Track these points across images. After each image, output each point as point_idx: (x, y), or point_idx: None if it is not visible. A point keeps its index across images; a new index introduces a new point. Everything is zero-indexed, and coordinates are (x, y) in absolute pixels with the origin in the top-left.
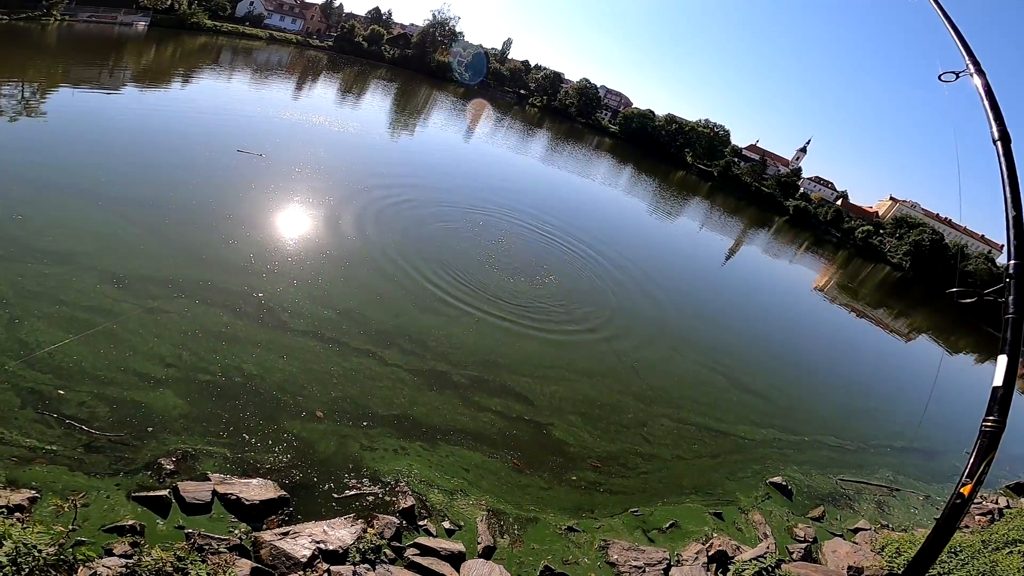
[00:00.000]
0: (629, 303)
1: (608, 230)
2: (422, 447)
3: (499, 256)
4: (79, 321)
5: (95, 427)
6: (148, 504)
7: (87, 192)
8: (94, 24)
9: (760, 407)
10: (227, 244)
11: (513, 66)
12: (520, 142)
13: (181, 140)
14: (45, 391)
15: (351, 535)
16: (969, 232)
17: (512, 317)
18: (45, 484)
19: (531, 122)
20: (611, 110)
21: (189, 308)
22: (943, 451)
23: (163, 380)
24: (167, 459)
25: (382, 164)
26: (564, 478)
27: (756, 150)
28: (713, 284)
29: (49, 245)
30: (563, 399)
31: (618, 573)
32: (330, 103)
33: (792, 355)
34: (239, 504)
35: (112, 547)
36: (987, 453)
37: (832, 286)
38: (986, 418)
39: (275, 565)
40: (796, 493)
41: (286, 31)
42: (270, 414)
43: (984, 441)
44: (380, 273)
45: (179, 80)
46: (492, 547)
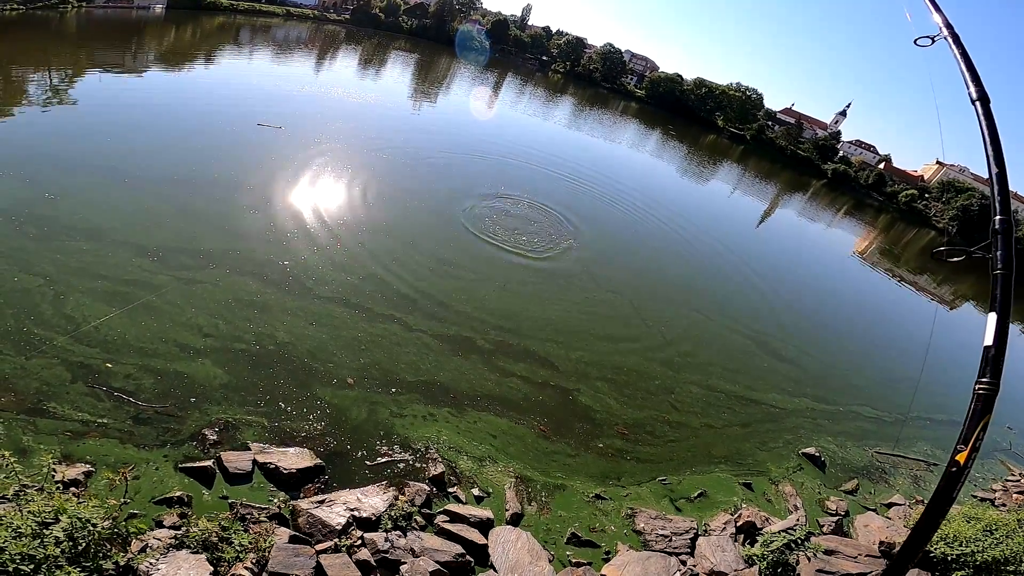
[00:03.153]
0: (657, 266)
1: (637, 191)
2: (450, 413)
3: (517, 223)
4: (120, 295)
5: (142, 399)
6: (194, 475)
7: (113, 170)
8: (112, 9)
9: (793, 375)
10: (250, 214)
11: (534, 32)
12: (544, 108)
13: (203, 116)
14: (94, 365)
15: (383, 502)
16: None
17: (534, 279)
18: (98, 457)
19: (555, 88)
20: (637, 75)
21: (220, 278)
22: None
23: (202, 350)
24: (210, 429)
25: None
26: (591, 445)
27: (791, 113)
28: (745, 247)
29: (81, 223)
30: (589, 364)
31: (645, 542)
32: (349, 76)
33: (827, 321)
34: (277, 473)
35: (162, 518)
36: (982, 416)
37: (873, 251)
38: (979, 380)
39: (312, 533)
40: (829, 465)
41: (303, 6)
42: (303, 381)
43: (978, 405)
44: (398, 239)
45: (200, 60)
46: (520, 514)
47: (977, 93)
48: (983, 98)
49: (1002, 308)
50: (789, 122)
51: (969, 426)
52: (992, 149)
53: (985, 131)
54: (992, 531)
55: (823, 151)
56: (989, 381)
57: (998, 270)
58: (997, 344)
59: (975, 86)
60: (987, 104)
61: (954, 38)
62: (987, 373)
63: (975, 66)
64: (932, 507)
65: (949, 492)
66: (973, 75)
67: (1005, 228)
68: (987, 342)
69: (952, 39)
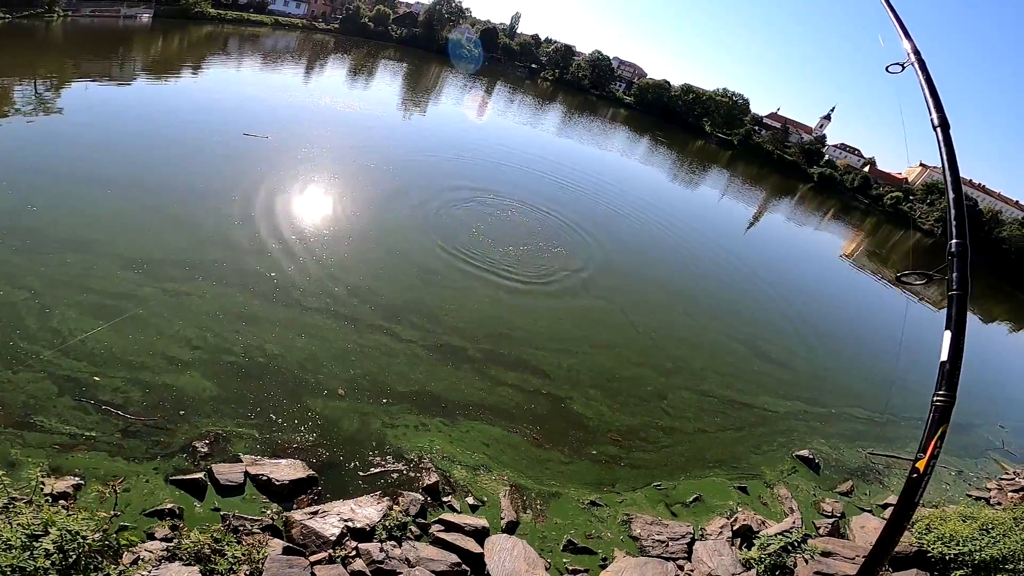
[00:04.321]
0: (647, 271)
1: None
2: (442, 423)
3: (506, 229)
4: (107, 308)
5: (131, 412)
6: (185, 487)
7: (98, 181)
8: (98, 18)
9: (785, 378)
10: (236, 225)
11: (523, 40)
12: (533, 116)
13: (189, 126)
14: (81, 378)
15: (378, 513)
16: (1004, 198)
17: (524, 289)
18: (87, 470)
19: (544, 96)
20: (625, 81)
21: (208, 290)
22: (978, 424)
23: (191, 363)
24: (200, 442)
25: (387, 143)
26: (585, 452)
27: (777, 118)
28: (734, 251)
29: (65, 234)
30: (580, 372)
31: (641, 548)
32: (337, 85)
33: (817, 324)
34: (270, 484)
35: (153, 531)
36: (939, 426)
37: (860, 253)
38: (936, 392)
39: (306, 544)
40: (823, 467)
41: (291, 15)
42: (294, 393)
43: (936, 415)
44: (385, 249)
45: (188, 69)
46: (515, 522)
47: (939, 120)
48: (944, 124)
49: (957, 326)
50: (775, 127)
51: (928, 435)
52: (951, 175)
53: (944, 158)
54: (988, 530)
55: (809, 155)
56: (945, 394)
57: (953, 291)
58: (952, 360)
59: (937, 113)
60: (947, 131)
61: (921, 65)
62: (943, 386)
63: (938, 93)
64: (897, 511)
65: (911, 497)
66: (936, 102)
67: (960, 251)
68: (943, 358)
69: (919, 66)
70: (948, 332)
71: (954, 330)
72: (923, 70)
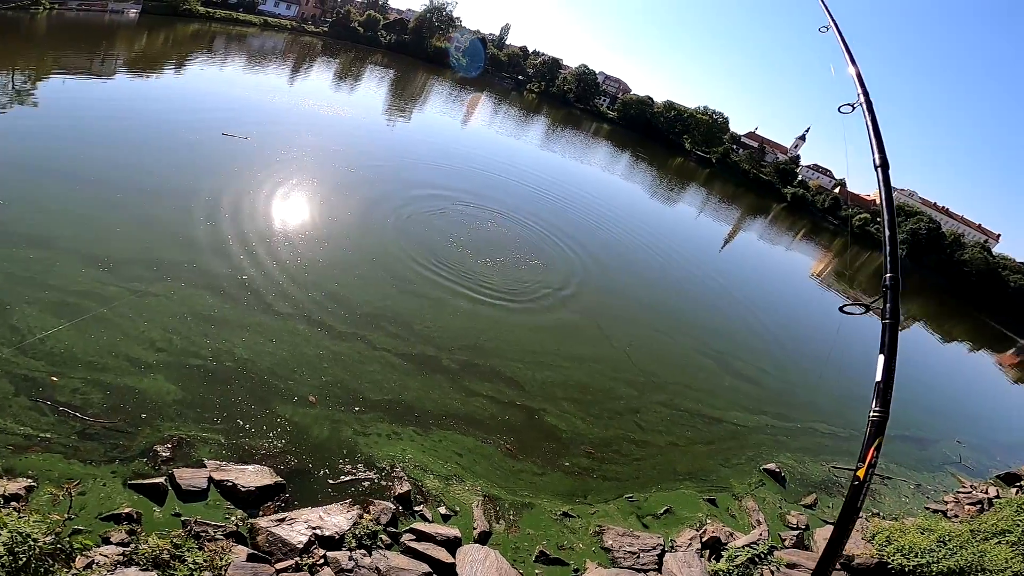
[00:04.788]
0: (621, 288)
1: (602, 214)
2: (415, 432)
3: (483, 239)
4: (69, 306)
5: (89, 414)
6: (144, 492)
7: (67, 176)
8: (84, 12)
9: (753, 393)
10: (208, 226)
11: (511, 52)
12: (518, 127)
13: (166, 124)
14: (39, 378)
15: (347, 521)
16: (966, 221)
17: (500, 301)
18: (41, 472)
19: (529, 108)
20: (610, 96)
21: (176, 291)
22: (937, 440)
23: (155, 365)
24: (162, 446)
25: (370, 148)
26: (558, 464)
27: (755, 137)
28: (709, 269)
29: (29, 229)
30: (555, 384)
31: (613, 559)
32: (323, 88)
33: (785, 341)
34: (235, 491)
35: (109, 535)
36: (875, 439)
37: (828, 273)
38: (872, 409)
39: (271, 551)
40: (789, 480)
41: (280, 17)
42: (263, 399)
43: (872, 429)
44: (361, 255)
45: (171, 67)
46: (488, 532)
47: (880, 160)
48: (884, 165)
49: (889, 351)
50: (753, 146)
51: (865, 447)
52: (887, 213)
53: (883, 196)
54: (946, 542)
55: (783, 175)
56: (880, 410)
57: (886, 320)
58: (885, 380)
59: (879, 153)
60: (887, 171)
61: (868, 107)
62: (878, 403)
63: (882, 136)
64: (842, 517)
65: (854, 503)
66: (879, 143)
67: (892, 284)
68: (878, 378)
69: (867, 107)
70: (881, 356)
71: (887, 354)
72: (870, 112)
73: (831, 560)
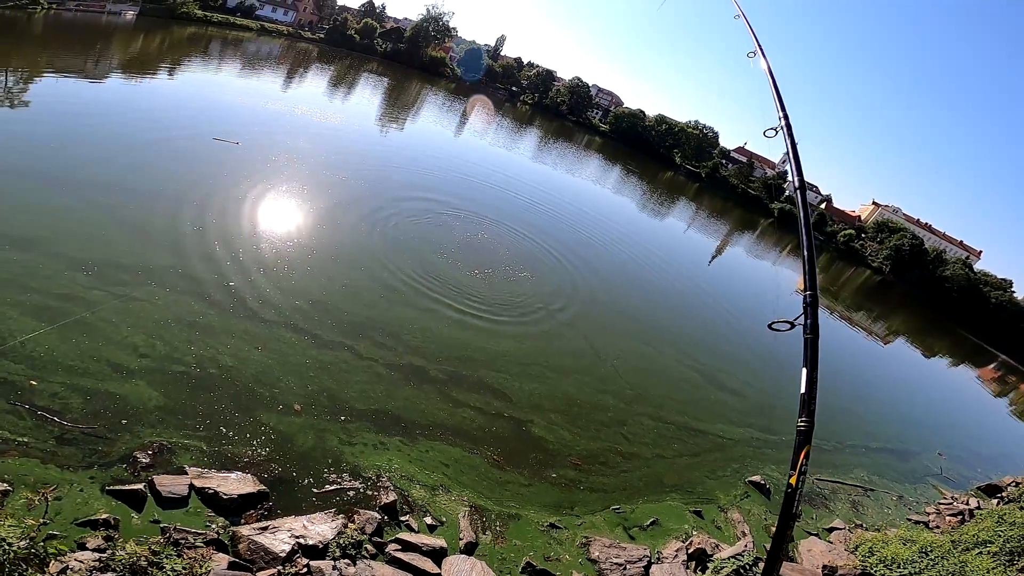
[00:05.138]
0: (612, 301)
1: (590, 228)
2: (401, 442)
3: (472, 250)
4: (51, 309)
5: (68, 419)
6: (123, 498)
7: (52, 177)
8: (81, 13)
9: (738, 406)
10: (195, 231)
11: (505, 63)
12: (510, 139)
13: (157, 127)
14: (17, 381)
15: (331, 530)
16: (948, 238)
17: (487, 313)
18: (16, 477)
19: (522, 120)
20: (602, 109)
21: (160, 296)
22: (918, 452)
23: (137, 371)
24: (142, 452)
25: (361, 156)
26: (545, 475)
27: (744, 152)
28: (697, 282)
29: (11, 230)
30: (542, 396)
31: (600, 570)
32: (317, 95)
33: (770, 355)
34: (217, 498)
35: (85, 541)
36: (802, 447)
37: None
38: (799, 419)
39: (253, 560)
40: (774, 492)
41: (277, 23)
42: (247, 406)
43: (800, 438)
44: (349, 264)
45: (165, 70)
46: (474, 543)
47: (799, 183)
48: (802, 187)
49: (811, 364)
50: (742, 161)
51: (795, 455)
52: (805, 235)
53: (801, 218)
54: (927, 552)
55: (771, 190)
56: (806, 420)
57: (807, 335)
58: (808, 392)
59: (798, 176)
60: (804, 193)
61: (788, 131)
62: (803, 414)
63: (800, 159)
64: (780, 522)
65: (789, 508)
66: (797, 166)
67: (812, 301)
68: (802, 390)
69: (787, 131)
70: (804, 369)
71: (809, 367)
72: (790, 136)
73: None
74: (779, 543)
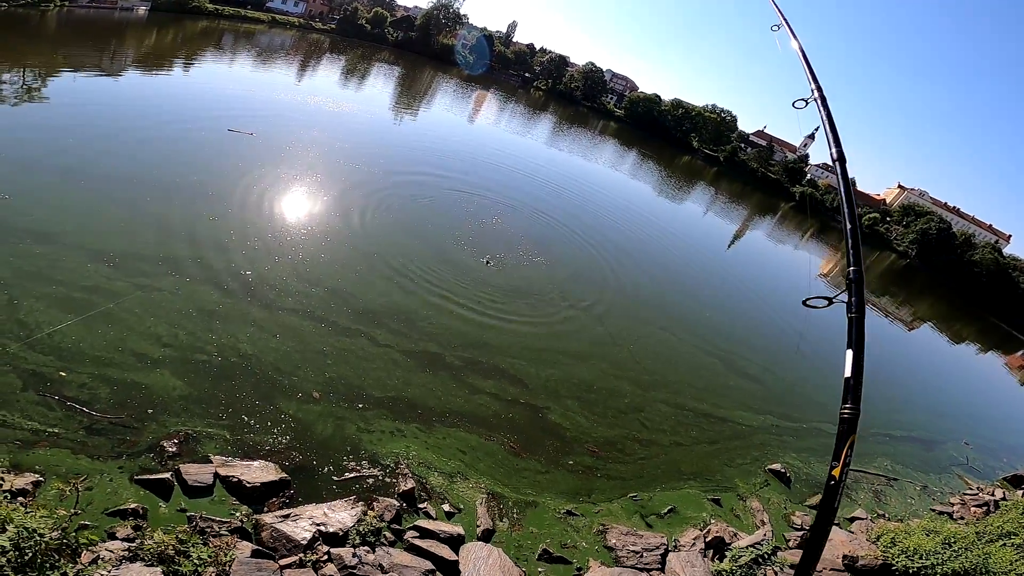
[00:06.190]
0: (627, 287)
1: (607, 212)
2: (419, 429)
3: (488, 236)
4: (76, 301)
5: (96, 409)
6: (150, 487)
7: (73, 171)
8: (94, 10)
9: (759, 393)
10: (212, 221)
11: (518, 49)
12: (524, 125)
13: (173, 120)
14: (47, 373)
15: (351, 517)
16: (977, 221)
17: (503, 298)
18: (48, 467)
19: (536, 105)
20: (617, 94)
21: (180, 286)
22: (943, 441)
23: (161, 361)
24: (169, 441)
25: (373, 144)
26: (561, 462)
27: (763, 136)
28: (715, 268)
29: (36, 225)
30: (559, 382)
31: (616, 558)
32: (329, 85)
33: (791, 340)
34: (240, 486)
35: (115, 530)
36: (847, 436)
37: (837, 273)
38: (843, 406)
39: (275, 547)
40: (794, 480)
41: (288, 14)
42: (267, 395)
43: (843, 427)
44: (364, 252)
45: (179, 64)
46: (491, 530)
47: (837, 154)
48: (841, 159)
49: (856, 346)
50: (761, 144)
51: (838, 445)
52: (847, 207)
53: (842, 190)
54: (951, 544)
55: (792, 174)
56: (851, 407)
57: (852, 314)
58: (854, 376)
59: (836, 148)
60: (844, 165)
61: (822, 102)
62: (849, 400)
63: (837, 130)
64: (820, 517)
65: (831, 502)
66: (835, 138)
67: (856, 278)
68: (847, 374)
69: (821, 103)
70: (849, 351)
71: (855, 349)
72: (824, 107)
73: (811, 562)
74: (818, 540)
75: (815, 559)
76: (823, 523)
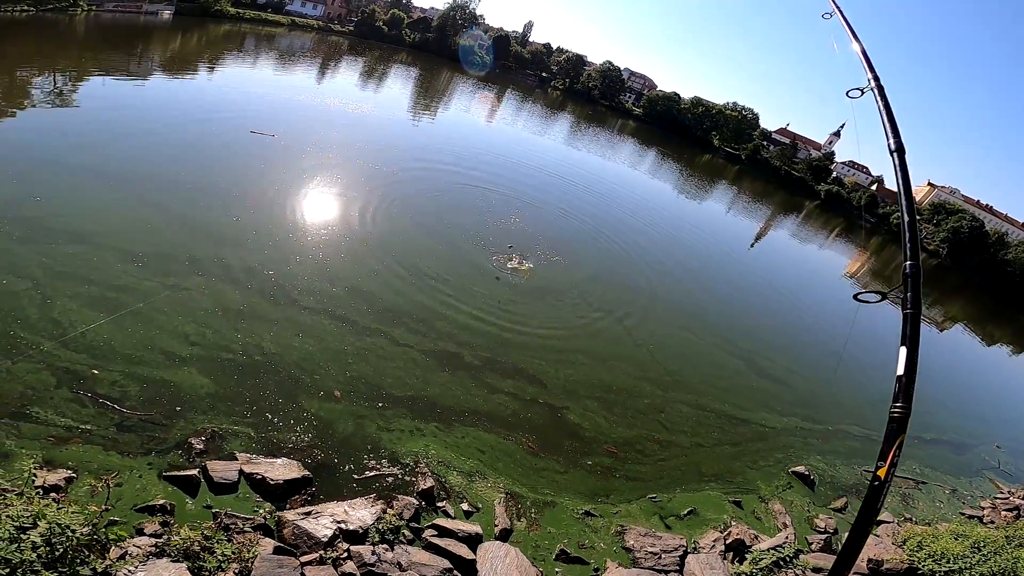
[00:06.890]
0: (648, 286)
1: (627, 210)
2: (438, 428)
3: (508, 235)
4: (108, 300)
5: (127, 406)
6: (178, 483)
7: (102, 174)
8: (120, 14)
9: (782, 394)
10: (236, 222)
11: (534, 48)
12: (542, 124)
13: (198, 122)
14: (80, 371)
15: (371, 515)
16: (1011, 220)
17: (522, 299)
18: (81, 464)
19: (553, 105)
20: (635, 93)
21: (207, 286)
22: (975, 444)
23: (189, 359)
24: (196, 438)
25: (393, 145)
26: (580, 462)
27: (786, 133)
28: (738, 268)
29: (67, 226)
30: (577, 382)
31: (634, 559)
32: (349, 87)
33: (816, 341)
34: (264, 484)
35: (143, 526)
36: (896, 437)
37: (864, 272)
38: (893, 404)
39: (297, 544)
40: (819, 483)
41: (307, 17)
42: (290, 393)
43: (893, 426)
44: (384, 251)
45: (204, 67)
46: (509, 530)
47: (895, 145)
48: (900, 150)
49: (911, 343)
50: (784, 142)
51: (885, 445)
52: (906, 199)
53: (900, 182)
54: (980, 548)
55: (816, 172)
56: (902, 406)
57: (908, 310)
58: (907, 374)
59: (894, 138)
60: (903, 155)
61: (880, 91)
62: (900, 398)
63: (895, 120)
64: (860, 518)
65: (874, 503)
66: (893, 128)
67: (913, 273)
68: (899, 372)
69: (878, 92)
70: (903, 348)
71: (909, 346)
72: (882, 96)
73: (847, 565)
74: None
75: (852, 559)
76: (864, 523)
